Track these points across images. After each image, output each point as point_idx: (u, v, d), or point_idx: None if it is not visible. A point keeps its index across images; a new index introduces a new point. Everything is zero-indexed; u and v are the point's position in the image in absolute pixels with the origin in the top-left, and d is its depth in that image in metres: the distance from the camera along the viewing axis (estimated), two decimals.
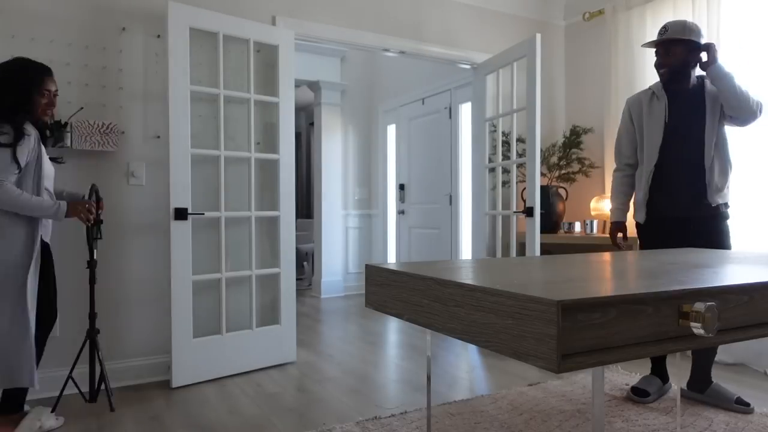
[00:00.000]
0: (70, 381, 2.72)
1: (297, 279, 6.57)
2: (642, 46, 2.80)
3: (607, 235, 3.86)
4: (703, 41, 2.61)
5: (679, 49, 2.59)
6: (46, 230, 2.40)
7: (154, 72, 3.11)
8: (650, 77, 3.88)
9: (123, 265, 3.04)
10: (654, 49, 2.70)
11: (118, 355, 3.03)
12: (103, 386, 2.74)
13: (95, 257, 2.61)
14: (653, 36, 3.89)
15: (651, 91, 2.74)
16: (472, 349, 3.78)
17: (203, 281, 3.18)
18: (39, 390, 2.79)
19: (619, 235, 2.89)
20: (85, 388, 2.87)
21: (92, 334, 2.58)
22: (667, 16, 3.79)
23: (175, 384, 2.96)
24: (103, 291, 2.99)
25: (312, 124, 7.80)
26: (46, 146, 2.43)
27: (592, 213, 4.03)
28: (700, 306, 1.02)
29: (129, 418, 2.53)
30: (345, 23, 3.66)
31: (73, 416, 2.54)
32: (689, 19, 3.65)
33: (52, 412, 2.46)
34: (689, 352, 3.54)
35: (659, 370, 2.77)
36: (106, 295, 3.00)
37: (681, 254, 1.91)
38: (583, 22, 4.48)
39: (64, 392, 2.85)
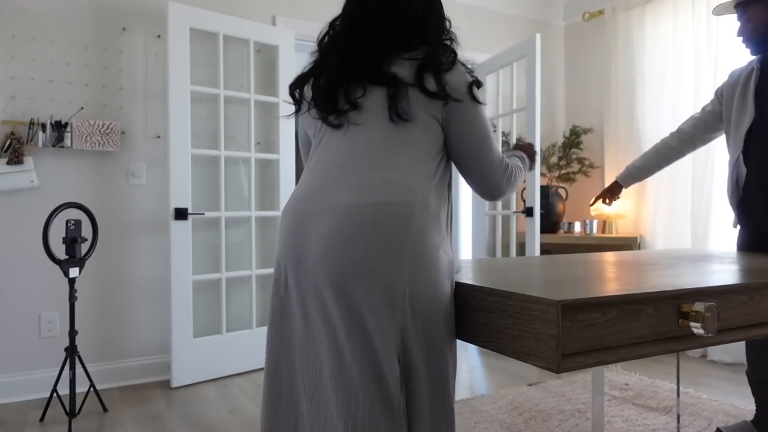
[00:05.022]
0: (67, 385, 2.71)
1: None
2: (714, 13, 2.13)
3: (606, 235, 3.86)
4: None
5: (758, 10, 1.96)
6: None
7: (154, 72, 3.11)
8: (650, 78, 3.89)
9: (123, 265, 3.04)
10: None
11: (118, 355, 3.03)
12: (92, 390, 2.69)
13: (83, 257, 2.60)
14: (653, 36, 3.89)
15: (751, 66, 2.09)
16: (472, 349, 3.78)
17: (203, 281, 3.18)
18: (33, 392, 2.80)
19: (606, 198, 2.37)
20: (82, 389, 2.87)
21: (72, 353, 2.42)
22: (667, 16, 3.79)
23: (175, 384, 2.96)
24: (103, 291, 2.99)
25: None
26: None
27: (592, 213, 4.03)
28: (699, 306, 1.02)
29: (129, 418, 2.53)
30: None
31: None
32: (688, 20, 3.65)
33: (40, 421, 2.47)
34: (690, 354, 3.54)
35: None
36: (106, 294, 3.00)
37: (682, 253, 1.91)
38: (583, 22, 4.48)
39: (59, 392, 2.86)
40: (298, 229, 1.16)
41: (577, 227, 4.06)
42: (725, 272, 1.32)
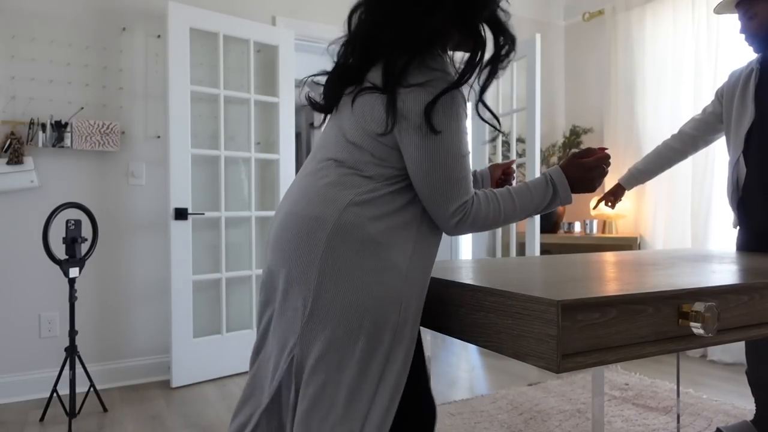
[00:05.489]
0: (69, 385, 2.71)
1: None
2: (715, 11, 2.10)
3: (606, 235, 3.86)
4: None
5: (764, 6, 1.91)
6: None
7: (154, 72, 3.11)
8: (650, 78, 3.89)
9: (123, 265, 3.03)
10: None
11: (118, 355, 3.03)
12: (92, 390, 2.67)
13: (83, 258, 2.60)
14: (653, 36, 3.89)
15: (750, 67, 2.07)
16: (472, 349, 3.78)
17: (203, 281, 3.18)
18: (33, 392, 2.80)
19: (609, 201, 2.31)
20: (82, 389, 2.87)
21: (72, 353, 2.42)
22: (667, 16, 3.79)
23: (175, 384, 2.96)
24: (103, 291, 2.99)
25: (312, 124, 7.80)
26: None
27: (592, 213, 4.03)
28: (699, 306, 1.02)
29: (129, 418, 2.53)
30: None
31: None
32: (688, 20, 3.65)
33: (40, 421, 2.46)
34: (690, 354, 3.54)
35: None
36: (106, 294, 2.99)
37: (682, 253, 1.91)
38: (583, 22, 4.48)
39: (59, 392, 2.86)
40: (270, 229, 1.25)
41: (577, 227, 4.06)
42: (725, 272, 1.32)
